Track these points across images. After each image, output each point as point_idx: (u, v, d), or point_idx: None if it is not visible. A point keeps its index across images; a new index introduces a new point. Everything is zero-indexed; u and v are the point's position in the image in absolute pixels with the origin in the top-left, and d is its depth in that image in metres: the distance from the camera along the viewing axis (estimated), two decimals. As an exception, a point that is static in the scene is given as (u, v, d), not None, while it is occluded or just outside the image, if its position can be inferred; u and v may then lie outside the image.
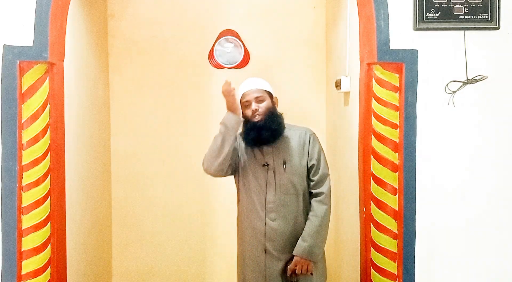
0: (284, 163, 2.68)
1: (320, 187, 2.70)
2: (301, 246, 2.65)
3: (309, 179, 2.73)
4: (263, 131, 2.67)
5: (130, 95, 4.09)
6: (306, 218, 2.72)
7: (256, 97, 2.71)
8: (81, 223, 3.26)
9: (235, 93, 2.66)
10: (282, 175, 2.67)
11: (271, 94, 2.79)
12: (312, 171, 2.72)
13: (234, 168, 2.78)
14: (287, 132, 2.76)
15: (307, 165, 2.72)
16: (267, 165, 2.70)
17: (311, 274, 2.67)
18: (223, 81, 4.07)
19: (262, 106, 2.70)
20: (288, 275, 2.68)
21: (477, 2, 2.56)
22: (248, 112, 2.70)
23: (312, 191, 2.72)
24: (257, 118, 2.69)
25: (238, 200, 2.88)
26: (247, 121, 2.72)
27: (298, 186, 2.70)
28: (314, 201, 2.70)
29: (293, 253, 2.67)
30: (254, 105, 2.70)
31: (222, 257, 4.16)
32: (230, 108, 2.65)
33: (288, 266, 2.67)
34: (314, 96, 4.11)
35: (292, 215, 2.68)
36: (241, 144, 2.80)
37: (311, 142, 2.74)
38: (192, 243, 4.17)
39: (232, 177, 2.85)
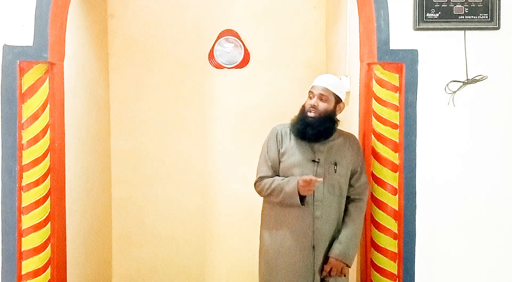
0: (335, 164, 2.66)
1: (361, 194, 2.67)
2: (337, 248, 2.61)
3: (349, 184, 2.70)
4: (308, 129, 2.65)
5: (130, 95, 4.10)
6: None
7: (321, 94, 2.67)
8: (81, 223, 3.26)
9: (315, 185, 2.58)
10: (332, 175, 2.65)
11: (339, 98, 2.71)
12: (355, 177, 2.68)
13: None
14: (337, 135, 2.71)
15: (352, 170, 2.69)
16: (317, 162, 2.68)
17: (344, 275, 2.65)
18: (223, 81, 4.11)
19: (321, 105, 2.67)
20: (322, 276, 2.65)
21: (477, 2, 2.56)
22: (307, 104, 2.70)
23: (351, 196, 2.69)
24: (311, 114, 2.67)
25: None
26: (302, 112, 2.71)
27: (343, 188, 2.67)
28: (352, 206, 2.68)
29: (328, 255, 2.62)
30: (313, 101, 2.67)
31: (222, 257, 4.17)
32: (303, 192, 2.58)
33: (324, 267, 2.65)
34: (314, 96, 4.11)
35: (335, 216, 2.65)
36: (286, 138, 2.74)
37: (358, 149, 2.72)
38: (192, 242, 4.17)
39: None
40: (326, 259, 2.64)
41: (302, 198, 2.58)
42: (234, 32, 4.10)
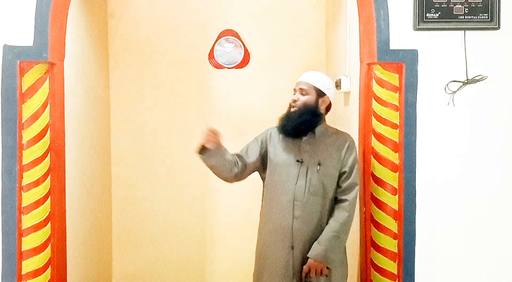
0: (319, 164, 2.66)
1: (346, 195, 2.65)
2: (316, 249, 2.61)
3: (337, 185, 2.69)
4: (288, 122, 2.69)
5: (130, 95, 4.10)
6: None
7: (301, 89, 2.71)
8: (81, 223, 3.26)
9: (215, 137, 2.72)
10: (314, 175, 2.65)
11: (322, 92, 2.72)
12: (343, 178, 2.67)
13: (257, 166, 2.80)
14: (328, 135, 2.73)
15: (340, 170, 2.68)
16: (301, 162, 2.69)
17: (326, 276, 2.65)
18: (223, 81, 4.11)
19: (301, 99, 2.70)
20: (303, 276, 2.66)
21: (477, 2, 2.56)
22: (290, 100, 2.75)
23: (338, 197, 2.68)
24: (293, 109, 2.72)
25: (263, 196, 2.84)
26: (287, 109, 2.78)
27: (327, 189, 2.66)
28: (336, 207, 2.66)
29: (307, 255, 2.62)
30: (295, 96, 2.73)
31: (222, 257, 4.17)
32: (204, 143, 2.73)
33: (303, 267, 2.65)
34: (314, 96, 4.11)
35: (316, 217, 2.64)
36: (275, 138, 2.78)
37: (349, 149, 2.69)
38: (192, 243, 4.17)
39: (227, 177, 2.82)
40: (306, 259, 2.64)
41: (207, 150, 2.71)
42: (234, 32, 4.10)
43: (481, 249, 2.61)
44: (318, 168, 2.64)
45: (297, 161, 2.67)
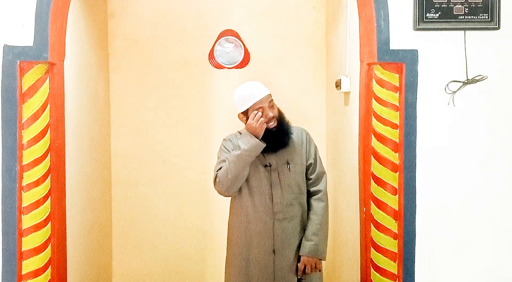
0: (288, 163, 2.70)
1: (318, 185, 2.75)
2: (306, 245, 2.67)
3: (306, 178, 2.76)
4: (281, 136, 2.69)
5: (130, 95, 4.10)
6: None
7: (270, 103, 2.70)
8: (81, 223, 3.26)
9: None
10: (286, 175, 2.69)
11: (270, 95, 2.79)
12: (310, 170, 2.77)
13: None
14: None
15: (306, 163, 2.76)
16: (270, 166, 2.70)
17: (319, 270, 2.70)
18: (223, 81, 4.11)
19: (275, 112, 2.71)
20: (298, 276, 2.68)
21: (477, 2, 2.56)
22: (266, 117, 2.68)
23: (309, 189, 2.76)
24: (273, 124, 2.69)
25: (231, 207, 2.85)
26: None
27: (301, 185, 2.74)
28: (312, 200, 2.75)
29: (299, 254, 2.68)
30: (270, 113, 2.68)
31: (222, 257, 4.15)
32: (255, 132, 2.62)
33: (298, 266, 2.68)
34: (314, 96, 4.11)
35: (299, 214, 2.72)
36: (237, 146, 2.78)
37: (308, 141, 2.79)
38: (192, 243, 4.17)
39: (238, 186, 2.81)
40: (289, 261, 2.68)
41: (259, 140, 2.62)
42: (234, 32, 4.10)
43: (482, 249, 2.61)
44: (288, 167, 2.68)
45: (265, 166, 2.70)
